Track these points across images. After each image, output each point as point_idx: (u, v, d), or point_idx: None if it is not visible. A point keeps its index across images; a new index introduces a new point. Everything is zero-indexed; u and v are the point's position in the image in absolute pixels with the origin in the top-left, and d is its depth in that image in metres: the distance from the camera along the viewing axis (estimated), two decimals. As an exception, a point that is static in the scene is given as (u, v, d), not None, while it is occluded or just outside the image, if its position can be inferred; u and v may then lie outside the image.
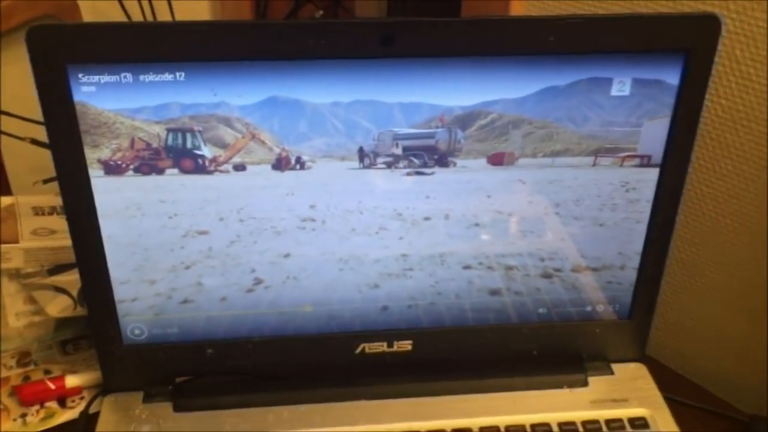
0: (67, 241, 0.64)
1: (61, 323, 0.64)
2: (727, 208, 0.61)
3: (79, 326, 0.64)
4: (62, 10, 0.80)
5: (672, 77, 0.49)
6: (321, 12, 0.82)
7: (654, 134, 0.51)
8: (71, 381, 0.59)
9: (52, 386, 0.58)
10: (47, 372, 0.60)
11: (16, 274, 0.63)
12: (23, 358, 0.62)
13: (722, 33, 0.47)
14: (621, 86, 0.49)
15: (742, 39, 0.55)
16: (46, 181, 0.73)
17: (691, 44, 0.47)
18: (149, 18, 0.80)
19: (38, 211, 0.67)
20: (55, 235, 0.64)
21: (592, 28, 0.47)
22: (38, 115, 0.47)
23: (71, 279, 0.63)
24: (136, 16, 0.80)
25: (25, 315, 0.61)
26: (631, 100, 0.50)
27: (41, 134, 0.49)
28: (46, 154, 0.49)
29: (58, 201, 0.69)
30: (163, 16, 0.82)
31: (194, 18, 0.86)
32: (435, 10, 0.80)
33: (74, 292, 0.62)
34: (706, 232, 0.64)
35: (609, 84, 0.49)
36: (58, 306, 0.61)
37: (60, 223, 0.67)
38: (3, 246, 0.62)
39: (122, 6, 0.79)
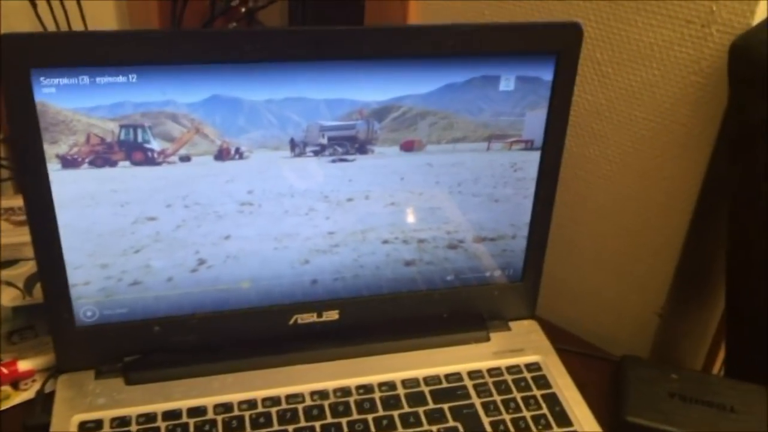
0: (8, 239, 0.68)
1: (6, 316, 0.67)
2: (597, 187, 0.73)
3: (22, 318, 0.68)
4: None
5: (547, 74, 0.59)
6: (234, 24, 0.89)
7: (535, 122, 0.61)
8: (23, 365, 0.62)
9: (5, 370, 0.61)
10: (-4, 360, 0.64)
11: (-42, 273, 0.66)
12: (-29, 349, 0.65)
13: (583, 37, 0.58)
14: (507, 82, 0.59)
15: (602, 44, 0.67)
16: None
17: (560, 47, 0.58)
18: (60, 19, 0.84)
19: (-25, 214, 0.71)
20: (-4, 234, 0.68)
21: (482, 34, 0.57)
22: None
23: (16, 273, 0.67)
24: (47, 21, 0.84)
25: (-26, 307, 0.65)
26: (516, 94, 0.60)
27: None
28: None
29: (-8, 204, 0.73)
30: (74, 17, 0.85)
31: (100, 18, 0.91)
32: (337, 12, 0.87)
33: (20, 284, 0.66)
34: (580, 210, 0.74)
35: (497, 81, 0.59)
36: (8, 296, 0.65)
37: (-2, 223, 0.70)
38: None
39: (35, 10, 0.83)
